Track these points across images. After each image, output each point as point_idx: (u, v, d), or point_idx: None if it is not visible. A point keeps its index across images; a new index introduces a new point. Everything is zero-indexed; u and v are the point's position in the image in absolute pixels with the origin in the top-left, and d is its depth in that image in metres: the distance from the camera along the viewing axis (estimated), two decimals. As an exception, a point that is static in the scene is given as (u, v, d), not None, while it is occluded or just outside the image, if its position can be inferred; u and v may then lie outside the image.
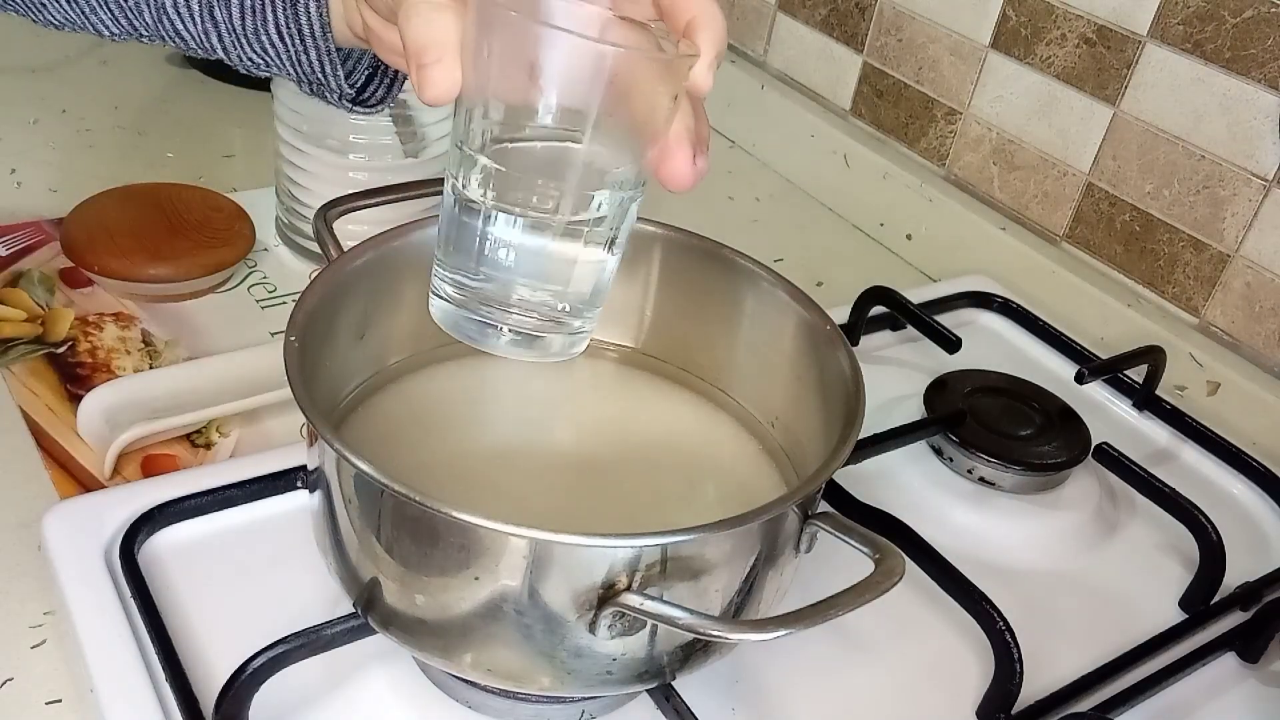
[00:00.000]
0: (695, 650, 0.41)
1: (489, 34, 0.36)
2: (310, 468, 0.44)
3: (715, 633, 0.37)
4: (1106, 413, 0.70)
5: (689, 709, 0.45)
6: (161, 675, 0.44)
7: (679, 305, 0.53)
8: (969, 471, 0.60)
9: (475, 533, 0.37)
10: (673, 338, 0.54)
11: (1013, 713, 0.48)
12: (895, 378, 0.70)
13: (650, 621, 0.38)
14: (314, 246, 0.70)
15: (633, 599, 0.37)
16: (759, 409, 0.52)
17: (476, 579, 0.38)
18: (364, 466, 0.37)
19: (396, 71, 0.52)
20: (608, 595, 0.37)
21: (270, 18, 0.47)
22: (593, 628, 0.38)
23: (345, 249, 0.48)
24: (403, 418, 0.50)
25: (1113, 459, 0.61)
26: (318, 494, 0.43)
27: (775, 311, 0.50)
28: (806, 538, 0.42)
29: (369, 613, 0.42)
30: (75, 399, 0.60)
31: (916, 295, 0.72)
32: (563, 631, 0.38)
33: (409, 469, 0.47)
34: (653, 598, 0.37)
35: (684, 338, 0.54)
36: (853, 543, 0.39)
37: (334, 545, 0.42)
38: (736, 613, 0.41)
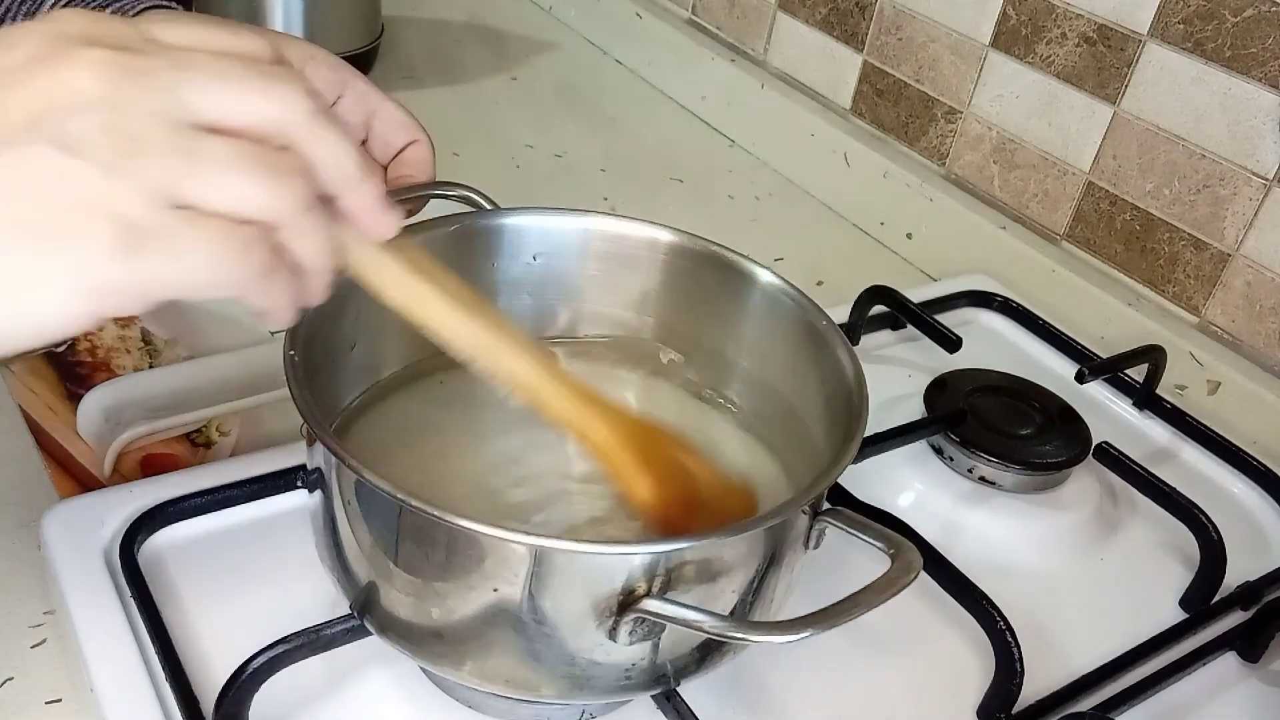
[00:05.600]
0: (710, 651, 0.41)
1: None
2: (309, 467, 0.43)
3: (739, 635, 0.37)
4: (1107, 412, 0.70)
5: (689, 709, 0.45)
6: (161, 675, 0.44)
7: (679, 306, 0.53)
8: (969, 471, 0.60)
9: (493, 544, 0.37)
10: (673, 338, 0.54)
11: (1013, 712, 0.48)
12: (895, 377, 0.70)
13: (669, 626, 0.38)
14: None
15: (654, 604, 0.37)
16: (761, 408, 0.52)
17: (495, 590, 0.38)
18: (378, 481, 0.37)
19: None
20: (628, 602, 0.37)
21: None
22: (613, 634, 0.38)
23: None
24: (402, 424, 0.50)
25: (1113, 458, 0.61)
26: (317, 495, 0.43)
27: (775, 311, 0.50)
28: (815, 534, 0.42)
29: (366, 616, 0.42)
30: (75, 398, 0.60)
31: (916, 294, 0.72)
32: (581, 639, 0.38)
33: (407, 474, 0.47)
34: (674, 602, 0.37)
35: (685, 338, 0.54)
36: (867, 539, 0.39)
37: (332, 547, 0.42)
38: (748, 611, 0.41)
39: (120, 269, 0.30)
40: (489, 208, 0.52)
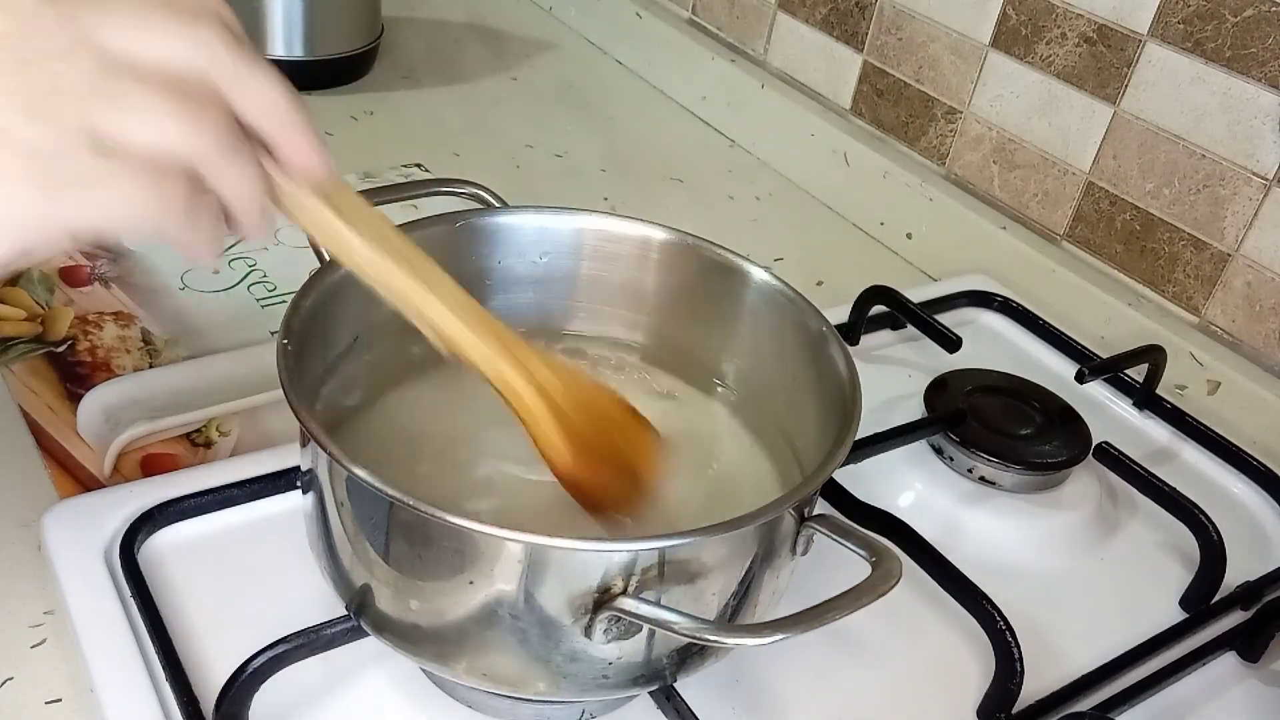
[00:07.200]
0: (692, 653, 0.41)
1: None
2: (303, 469, 0.43)
3: (711, 637, 0.37)
4: (1107, 412, 0.70)
5: (689, 709, 0.45)
6: (161, 675, 0.44)
7: (676, 306, 0.53)
8: (969, 471, 0.60)
9: (471, 537, 0.37)
10: (670, 339, 0.54)
11: (1013, 712, 0.48)
12: (895, 377, 0.69)
13: (646, 626, 0.38)
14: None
15: (628, 603, 0.37)
16: (756, 409, 0.52)
17: (471, 583, 0.38)
18: (359, 471, 0.37)
19: None
20: (603, 599, 0.37)
21: None
22: (588, 632, 0.38)
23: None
24: (397, 422, 0.50)
25: (1113, 458, 0.61)
26: (310, 496, 0.43)
27: (772, 312, 0.50)
28: (803, 540, 0.42)
29: (361, 616, 0.42)
30: (75, 398, 0.60)
31: (916, 294, 0.72)
32: (558, 636, 0.38)
33: (402, 473, 0.47)
34: (649, 602, 0.37)
35: (681, 338, 0.54)
36: (850, 545, 0.39)
37: (326, 549, 0.42)
38: (733, 615, 0.41)
39: (40, 207, 0.30)
40: (496, 205, 0.52)
